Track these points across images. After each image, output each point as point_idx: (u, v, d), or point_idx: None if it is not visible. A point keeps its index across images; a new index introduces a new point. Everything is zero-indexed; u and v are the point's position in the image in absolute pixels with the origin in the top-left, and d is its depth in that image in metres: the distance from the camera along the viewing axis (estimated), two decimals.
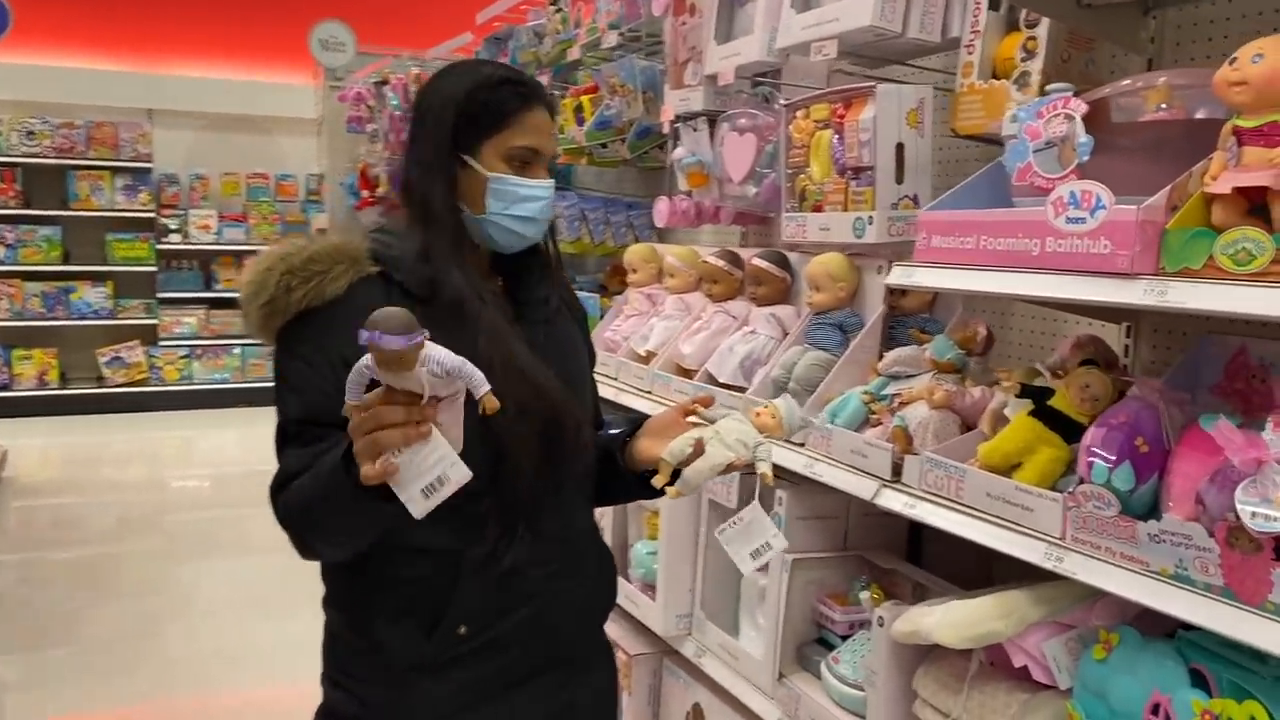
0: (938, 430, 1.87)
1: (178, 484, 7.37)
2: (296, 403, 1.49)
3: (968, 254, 1.64)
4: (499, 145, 1.55)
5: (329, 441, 1.42)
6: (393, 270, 1.52)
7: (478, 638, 1.53)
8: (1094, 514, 1.46)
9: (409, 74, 5.87)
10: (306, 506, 1.42)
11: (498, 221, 1.57)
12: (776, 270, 2.52)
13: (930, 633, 1.66)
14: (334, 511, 1.39)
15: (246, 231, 9.88)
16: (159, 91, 9.52)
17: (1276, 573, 1.23)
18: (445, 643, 1.52)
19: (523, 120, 1.56)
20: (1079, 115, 1.49)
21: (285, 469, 1.47)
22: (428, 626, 1.52)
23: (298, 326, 1.49)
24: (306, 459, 1.43)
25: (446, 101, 1.56)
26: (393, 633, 1.53)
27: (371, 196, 6.65)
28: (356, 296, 1.47)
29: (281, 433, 1.51)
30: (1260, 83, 1.30)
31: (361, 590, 1.55)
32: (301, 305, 1.48)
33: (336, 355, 1.44)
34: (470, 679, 1.54)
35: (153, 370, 9.55)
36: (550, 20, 3.82)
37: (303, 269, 1.48)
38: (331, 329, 1.47)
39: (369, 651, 1.55)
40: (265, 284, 1.48)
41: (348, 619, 1.58)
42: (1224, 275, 1.28)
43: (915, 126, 2.13)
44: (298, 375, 1.49)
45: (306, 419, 1.47)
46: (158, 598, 5.03)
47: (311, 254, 1.49)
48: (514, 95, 1.56)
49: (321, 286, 1.48)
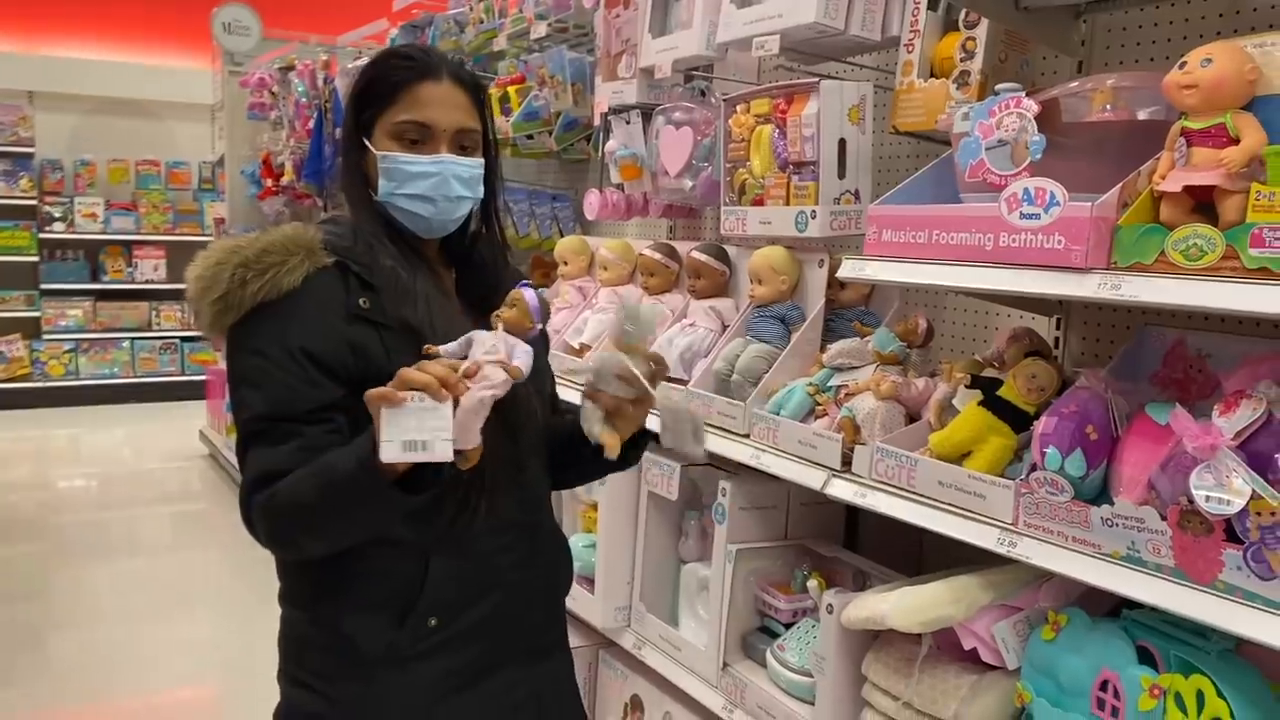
0: (885, 421, 1.91)
1: (64, 484, 7.04)
2: (261, 399, 1.43)
3: (920, 248, 1.68)
4: (386, 122, 1.52)
5: (305, 437, 1.39)
6: (348, 260, 1.49)
7: (448, 629, 1.51)
8: (1046, 499, 1.51)
9: (317, 60, 5.72)
10: (309, 505, 1.38)
11: (392, 202, 1.54)
12: (715, 263, 2.54)
13: (885, 618, 1.69)
14: (356, 507, 1.37)
15: (136, 220, 9.48)
16: (41, 72, 9.06)
17: (1226, 553, 1.29)
18: (416, 635, 1.49)
19: (413, 94, 1.52)
20: (1031, 114, 1.54)
21: (261, 468, 1.42)
22: (398, 619, 1.49)
23: (253, 321, 1.44)
24: (290, 457, 1.39)
25: (353, 85, 1.57)
26: (362, 627, 1.49)
27: (275, 186, 6.46)
28: (313, 288, 1.45)
29: (248, 432, 1.45)
30: (1208, 86, 1.37)
31: (329, 586, 1.51)
32: (257, 299, 1.43)
33: (298, 348, 1.42)
34: (440, 670, 1.52)
35: (36, 365, 9.10)
36: (473, 9, 3.77)
37: (257, 261, 1.43)
38: (290, 322, 1.43)
39: (336, 647, 1.51)
40: (218, 279, 1.43)
41: (312, 615, 1.54)
42: (1176, 270, 1.34)
43: (857, 123, 2.17)
44: (258, 372, 1.44)
45: (274, 415, 1.42)
46: (44, 602, 4.80)
47: (265, 245, 1.45)
48: (401, 69, 1.52)
49: (278, 279, 1.43)
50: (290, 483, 1.38)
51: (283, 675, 1.58)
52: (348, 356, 1.44)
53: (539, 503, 1.67)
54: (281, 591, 1.58)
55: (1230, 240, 1.29)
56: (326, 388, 1.43)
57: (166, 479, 7.14)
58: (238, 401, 1.46)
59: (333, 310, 1.45)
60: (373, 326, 1.46)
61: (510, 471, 1.55)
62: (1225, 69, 1.36)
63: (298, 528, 1.42)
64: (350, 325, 1.45)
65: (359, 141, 1.55)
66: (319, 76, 5.63)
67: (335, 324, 1.45)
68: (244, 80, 6.88)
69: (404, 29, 4.40)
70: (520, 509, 1.59)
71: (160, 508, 6.52)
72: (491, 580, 1.55)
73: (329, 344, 1.44)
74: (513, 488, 1.57)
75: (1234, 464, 1.27)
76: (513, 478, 1.56)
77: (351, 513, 1.39)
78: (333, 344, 1.44)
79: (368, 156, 1.54)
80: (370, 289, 1.47)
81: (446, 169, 1.53)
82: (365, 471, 1.31)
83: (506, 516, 1.56)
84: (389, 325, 1.46)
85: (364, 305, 1.46)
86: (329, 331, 1.44)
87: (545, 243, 3.70)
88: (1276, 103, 1.37)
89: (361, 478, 1.32)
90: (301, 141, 5.87)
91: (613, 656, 2.68)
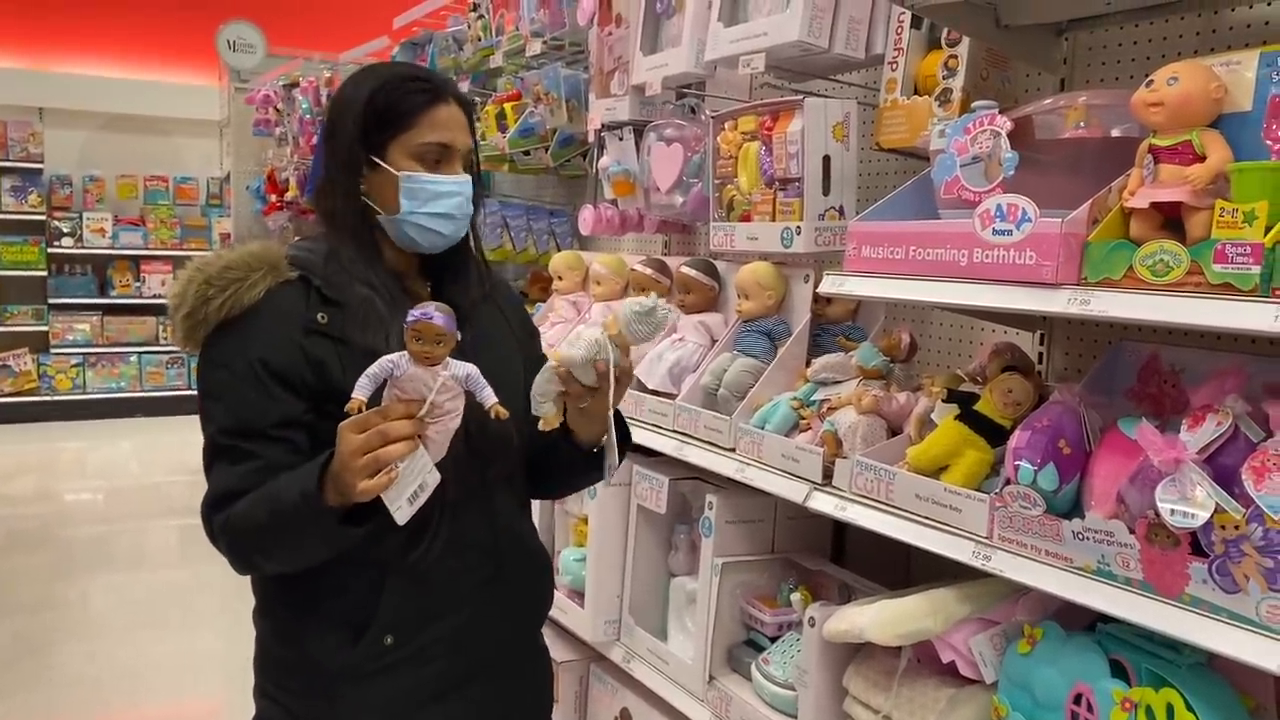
0: (866, 434, 1.92)
1: (71, 497, 7.09)
2: (222, 413, 1.47)
3: (897, 264, 1.69)
4: (407, 144, 1.55)
5: (263, 458, 1.42)
6: (310, 274, 1.51)
7: (405, 647, 1.52)
8: (1020, 513, 1.52)
9: (320, 77, 5.78)
10: (260, 529, 1.41)
11: (414, 220, 1.56)
12: (705, 278, 2.56)
13: (863, 631, 1.70)
14: (300, 536, 1.41)
15: (144, 236, 9.56)
16: (50, 89, 9.16)
17: (1193, 567, 1.30)
18: (371, 652, 1.51)
19: (431, 116, 1.55)
20: (1004, 131, 1.56)
21: (220, 487, 1.46)
22: (354, 637, 1.51)
23: (218, 336, 1.48)
24: (245, 478, 1.43)
25: (352, 104, 1.56)
26: (320, 643, 1.52)
27: (279, 201, 6.52)
28: (275, 301, 1.48)
29: (211, 447, 1.49)
30: (1175, 104, 1.38)
31: (289, 601, 1.54)
32: (221, 315, 1.47)
33: (259, 361, 1.45)
34: (399, 688, 1.53)
35: (43, 379, 9.17)
36: (471, 27, 3.81)
37: (219, 278, 1.47)
38: (252, 335, 1.47)
39: (298, 662, 1.53)
40: (185, 295, 1.48)
41: (275, 629, 1.57)
42: (1143, 285, 1.36)
43: (841, 140, 2.19)
44: (220, 385, 1.48)
45: (234, 429, 1.46)
46: (51, 615, 4.83)
47: (228, 262, 1.49)
48: (419, 92, 1.56)
49: (240, 294, 1.47)
50: (244, 505, 1.42)
51: (256, 690, 1.61)
52: (305, 370, 1.46)
53: (511, 523, 1.67)
54: (255, 606, 1.61)
55: (1195, 256, 1.30)
56: (283, 401, 1.46)
57: (172, 493, 7.17)
58: (203, 415, 1.50)
59: (290, 323, 1.48)
60: (330, 341, 1.48)
61: (478, 494, 1.57)
62: (1191, 87, 1.38)
63: (251, 549, 1.46)
64: (307, 338, 1.47)
65: (363, 163, 1.55)
66: (323, 93, 5.68)
67: (293, 336, 1.47)
68: (249, 97, 6.95)
69: (404, 46, 4.44)
70: (489, 531, 1.60)
71: (166, 521, 6.54)
72: (452, 600, 1.56)
73: (286, 356, 1.46)
74: (480, 511, 1.58)
75: (1198, 478, 1.28)
76: (480, 501, 1.58)
77: (298, 540, 1.43)
78: (289, 356, 1.46)
79: (378, 176, 1.55)
80: (331, 304, 1.50)
81: (465, 188, 1.59)
82: (308, 504, 1.36)
83: (471, 539, 1.57)
84: (346, 341, 1.48)
85: (321, 320, 1.48)
86: (285, 344, 1.46)
87: (542, 257, 3.73)
88: (1242, 120, 1.39)
89: (304, 510, 1.37)
90: (305, 157, 5.93)
91: (603, 670, 2.69)
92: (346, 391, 1.33)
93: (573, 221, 3.70)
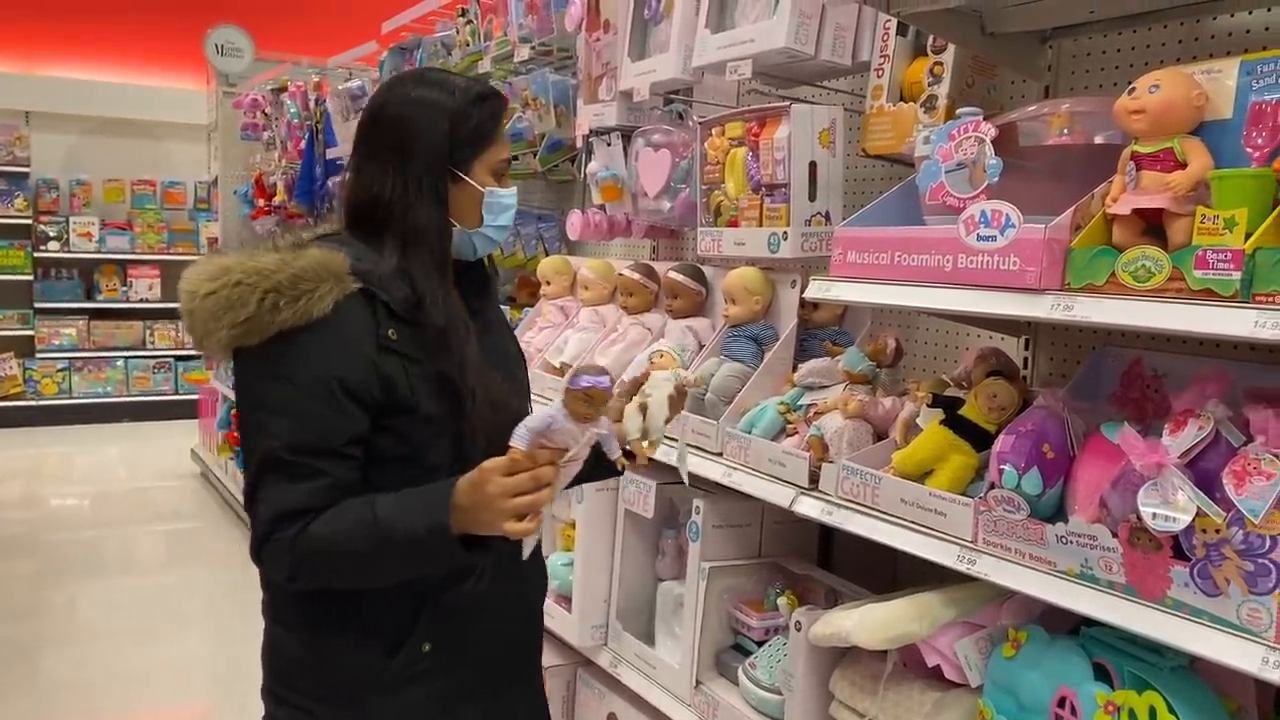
0: (852, 439, 1.93)
1: (56, 502, 7.04)
2: (287, 428, 1.41)
3: (883, 269, 1.70)
4: (489, 160, 1.58)
5: (332, 476, 1.41)
6: (378, 289, 1.47)
7: (441, 655, 1.54)
8: (1004, 517, 1.53)
9: (309, 82, 5.77)
10: (356, 554, 1.41)
11: (484, 232, 1.60)
12: (692, 283, 2.56)
13: (849, 635, 1.71)
14: (410, 565, 1.45)
15: (131, 240, 9.52)
16: (37, 92, 9.12)
17: (1175, 570, 1.31)
18: (408, 661, 1.52)
19: (503, 133, 1.61)
20: (989, 138, 1.57)
21: (285, 505, 1.41)
22: (394, 646, 1.51)
23: (278, 346, 1.42)
24: (313, 496, 1.41)
25: (435, 119, 1.53)
26: (354, 655, 1.51)
27: (267, 205, 6.50)
28: (344, 315, 1.44)
29: (270, 461, 1.42)
30: (1156, 111, 1.40)
31: (325, 613, 1.51)
32: (285, 324, 1.41)
33: (332, 377, 1.42)
34: (431, 692, 1.55)
35: (29, 383, 9.12)
36: (460, 32, 3.81)
37: (291, 287, 1.41)
38: (323, 349, 1.42)
39: (325, 669, 1.52)
40: (244, 300, 1.40)
41: (303, 637, 1.54)
42: (1125, 291, 1.37)
43: (827, 146, 2.20)
44: (283, 398, 1.42)
45: (301, 446, 1.41)
46: (38, 620, 4.80)
47: (298, 272, 1.42)
48: (497, 109, 1.59)
49: (309, 306, 1.41)
50: (332, 530, 1.40)
51: (267, 693, 1.59)
52: (375, 387, 1.45)
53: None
54: (270, 611, 1.59)
55: (1176, 262, 1.31)
56: (355, 418, 1.44)
57: (158, 498, 7.14)
58: (255, 426, 1.44)
59: (362, 339, 1.45)
60: (399, 358, 1.47)
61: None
62: (1173, 95, 1.40)
63: (331, 571, 1.45)
64: (379, 355, 1.45)
65: (448, 176, 1.54)
66: (310, 98, 5.68)
67: (365, 352, 1.45)
68: (237, 101, 6.93)
69: (393, 51, 4.44)
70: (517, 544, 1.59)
71: (152, 526, 6.52)
72: (488, 612, 1.59)
73: (360, 373, 1.43)
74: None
75: (1179, 482, 1.29)
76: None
77: (409, 567, 1.46)
78: (363, 373, 1.44)
79: (460, 190, 1.55)
80: (399, 320, 1.48)
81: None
82: (435, 538, 1.40)
83: (510, 555, 1.56)
84: (415, 359, 1.48)
85: (392, 336, 1.47)
86: (359, 360, 1.44)
87: (530, 262, 3.73)
88: (1223, 128, 1.41)
89: (429, 542, 1.40)
90: (293, 162, 5.92)
91: (590, 675, 2.69)
92: (410, 407, 1.42)
93: (561, 226, 3.70)
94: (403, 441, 1.48)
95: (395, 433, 1.46)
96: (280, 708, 1.58)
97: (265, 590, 1.59)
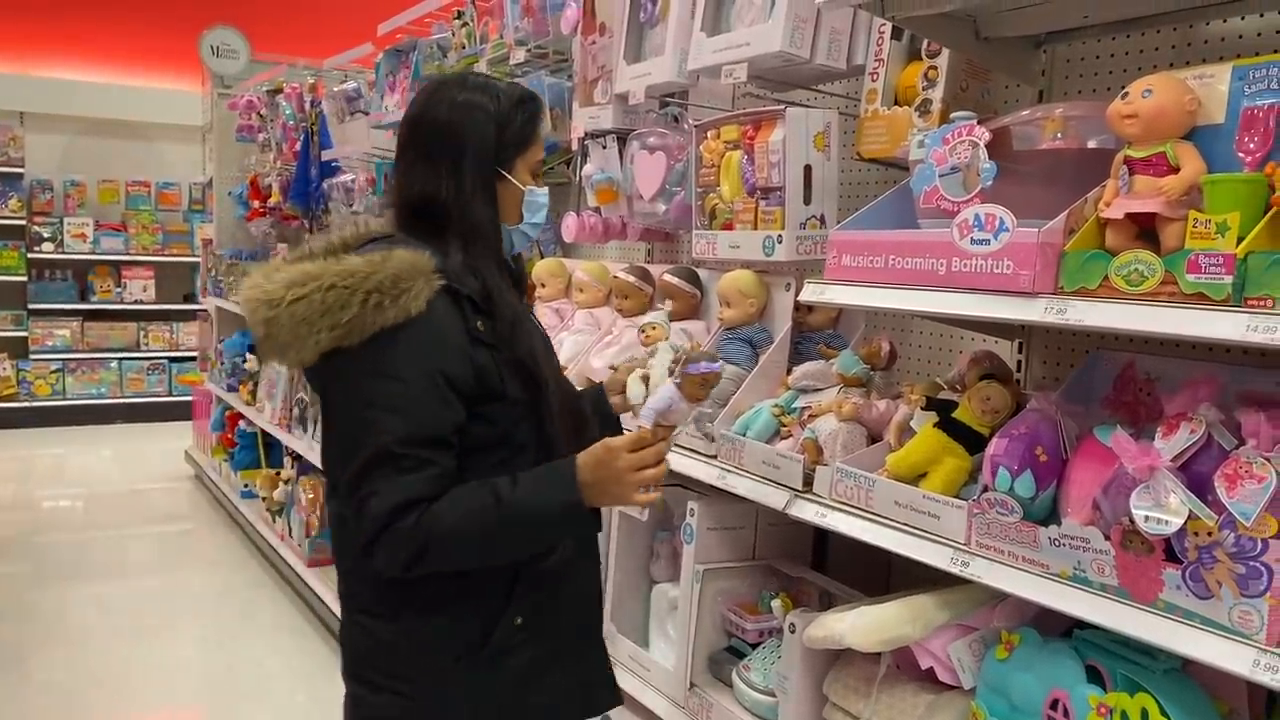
0: (846, 442, 1.94)
1: (49, 504, 7.02)
2: (401, 423, 1.48)
3: (877, 273, 1.71)
4: (529, 159, 1.69)
5: (440, 465, 1.51)
6: (459, 285, 1.56)
7: (530, 628, 1.64)
8: (997, 520, 1.54)
9: (304, 83, 5.76)
10: (485, 535, 1.51)
11: (522, 229, 1.72)
12: (687, 286, 2.57)
13: (843, 637, 1.71)
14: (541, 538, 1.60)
15: (125, 241, 9.51)
16: (31, 93, 9.10)
17: (1167, 573, 1.32)
18: (501, 637, 1.61)
19: (541, 135, 1.72)
20: (983, 142, 1.58)
21: (403, 495, 1.47)
22: (488, 623, 1.60)
23: (377, 345, 1.49)
24: (429, 485, 1.49)
25: (482, 121, 1.63)
26: (452, 633, 1.60)
27: (262, 207, 6.49)
28: (436, 312, 1.52)
29: (383, 455, 1.48)
30: (1149, 116, 1.40)
31: (421, 595, 1.58)
32: (387, 323, 1.48)
33: (437, 371, 1.51)
34: (517, 663, 1.64)
35: (22, 385, 9.10)
36: (456, 34, 3.81)
37: (393, 287, 1.49)
38: (423, 345, 1.51)
39: (422, 651, 1.60)
40: (345, 302, 1.47)
41: (399, 624, 1.61)
42: (1118, 295, 1.38)
43: (822, 149, 2.21)
44: (393, 396, 1.49)
45: (415, 439, 1.49)
46: (29, 623, 4.79)
47: (396, 271, 1.50)
48: (536, 112, 1.70)
49: (408, 304, 1.49)
50: (457, 516, 1.49)
51: (355, 678, 1.67)
52: (470, 377, 1.54)
53: None
54: (356, 602, 1.67)
55: (1169, 266, 1.32)
56: (456, 408, 1.53)
57: (151, 500, 7.12)
58: (363, 423, 1.50)
59: (457, 333, 1.55)
60: (487, 348, 1.57)
61: None
62: (1165, 100, 1.40)
63: (454, 554, 1.53)
64: (471, 346, 1.56)
65: (496, 176, 1.64)
66: (306, 99, 5.67)
67: (461, 345, 1.55)
68: (232, 103, 6.92)
69: (388, 53, 4.44)
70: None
71: (145, 529, 6.50)
72: (565, 573, 1.69)
73: (458, 365, 1.53)
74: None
75: (1171, 485, 1.29)
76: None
77: (533, 544, 1.60)
78: (461, 365, 1.54)
79: (505, 189, 1.66)
80: (480, 312, 1.58)
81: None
82: (573, 514, 1.55)
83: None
84: (500, 349, 1.58)
85: (480, 328, 1.57)
86: (457, 353, 1.54)
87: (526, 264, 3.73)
88: (1215, 133, 1.41)
89: (562, 518, 1.56)
90: (288, 163, 5.91)
91: None
92: (500, 395, 1.55)
93: (556, 229, 3.70)
94: (493, 427, 1.58)
95: (487, 419, 1.57)
96: (373, 691, 1.64)
97: (346, 582, 1.69)
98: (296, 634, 4.61)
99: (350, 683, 1.69)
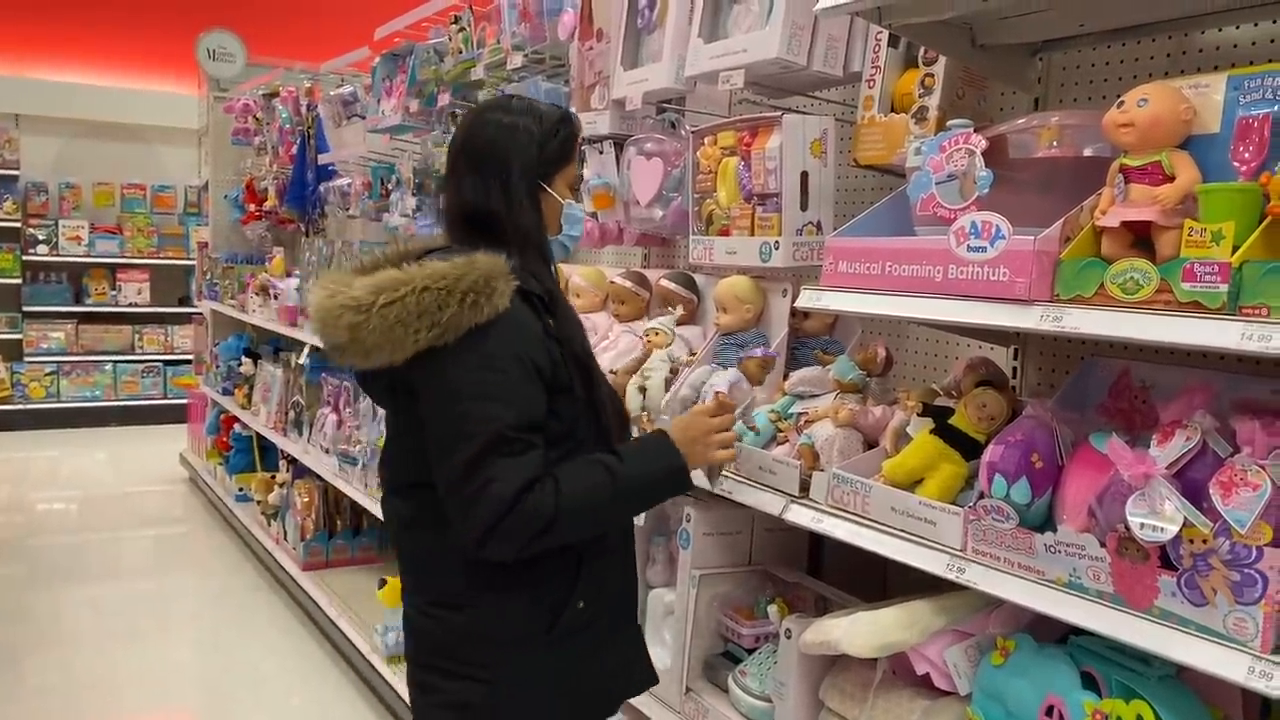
0: (843, 447, 1.94)
1: (43, 507, 7.02)
2: (509, 411, 1.61)
3: (874, 279, 1.72)
4: (567, 175, 1.84)
5: (539, 447, 1.64)
6: (529, 285, 1.70)
7: (592, 607, 1.77)
8: (993, 526, 1.54)
9: (300, 87, 5.77)
10: (596, 507, 1.68)
11: (561, 240, 1.87)
12: (684, 291, 2.57)
13: (839, 643, 1.72)
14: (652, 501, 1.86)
15: (120, 244, 9.51)
16: (27, 95, 9.11)
17: (1162, 580, 1.32)
18: (571, 618, 1.74)
19: (577, 152, 1.86)
20: (979, 150, 1.59)
21: (522, 476, 1.60)
22: (556, 607, 1.73)
23: (472, 341, 1.61)
24: (539, 465, 1.62)
25: (526, 140, 1.77)
26: (525, 619, 1.72)
27: (258, 210, 6.49)
28: (518, 309, 1.67)
29: (496, 441, 1.60)
30: (1145, 125, 1.41)
31: (493, 584, 1.70)
32: (480, 320, 1.61)
33: (529, 361, 1.65)
34: (579, 643, 1.77)
35: (16, 387, 9.09)
36: (452, 39, 3.81)
37: (485, 286, 1.62)
38: (514, 337, 1.65)
39: (499, 636, 1.72)
40: (443, 303, 1.59)
41: (471, 612, 1.73)
42: (1113, 303, 1.38)
43: (819, 156, 2.21)
44: (499, 386, 1.62)
45: (524, 425, 1.62)
46: (23, 625, 4.78)
47: (485, 272, 1.63)
48: (574, 131, 1.84)
49: (497, 302, 1.63)
50: (575, 491, 1.63)
51: (426, 668, 1.80)
52: (548, 369, 1.68)
53: None
54: (428, 595, 1.79)
55: (1164, 275, 1.33)
56: (544, 396, 1.67)
57: (146, 502, 7.12)
58: (472, 415, 1.61)
59: (536, 328, 1.69)
60: (557, 344, 1.72)
61: None
62: (1161, 109, 1.41)
63: (575, 528, 1.67)
64: (547, 341, 1.70)
65: (539, 190, 1.79)
66: (302, 103, 5.67)
67: (541, 339, 1.69)
68: (228, 106, 6.93)
69: (385, 58, 4.44)
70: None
71: (140, 531, 6.49)
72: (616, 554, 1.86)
73: (543, 358, 1.68)
74: None
75: (1167, 492, 1.30)
76: None
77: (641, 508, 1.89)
78: (544, 358, 1.68)
79: (546, 202, 1.81)
80: (548, 311, 1.74)
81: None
82: (679, 476, 1.77)
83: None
84: (564, 345, 1.73)
85: (552, 325, 1.73)
86: (540, 346, 1.68)
87: None
88: (1210, 142, 1.42)
89: (668, 481, 1.77)
90: (285, 167, 5.92)
91: None
92: (567, 387, 1.69)
93: None
94: (559, 419, 1.70)
95: (554, 411, 1.69)
96: (446, 678, 1.75)
97: (416, 577, 1.81)
98: (291, 637, 4.60)
99: (419, 671, 1.81)
